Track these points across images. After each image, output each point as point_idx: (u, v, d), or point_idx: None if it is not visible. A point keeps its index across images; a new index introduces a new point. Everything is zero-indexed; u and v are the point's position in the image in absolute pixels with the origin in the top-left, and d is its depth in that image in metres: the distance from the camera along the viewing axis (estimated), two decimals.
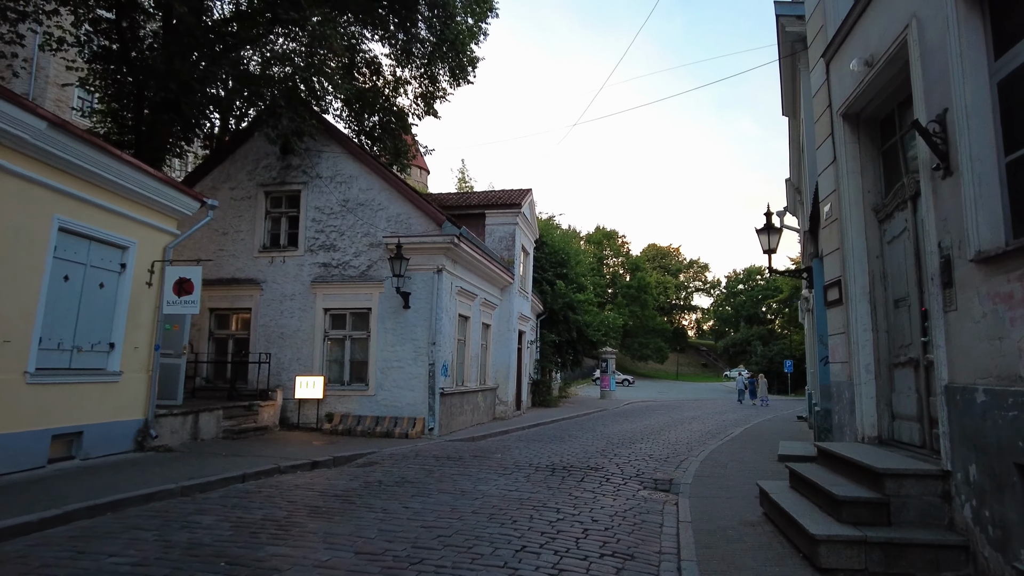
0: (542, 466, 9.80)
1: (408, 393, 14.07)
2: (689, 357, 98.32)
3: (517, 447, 12.38)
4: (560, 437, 14.88)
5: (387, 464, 10.15)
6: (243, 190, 15.82)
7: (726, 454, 11.87)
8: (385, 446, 12.15)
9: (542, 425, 18.28)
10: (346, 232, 15.03)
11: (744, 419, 22.47)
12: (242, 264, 15.54)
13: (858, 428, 6.28)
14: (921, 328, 5.49)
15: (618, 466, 9.99)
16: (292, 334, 14.98)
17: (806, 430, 17.46)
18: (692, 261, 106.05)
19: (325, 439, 13.01)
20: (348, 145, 15.42)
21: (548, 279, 29.85)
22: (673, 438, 15.18)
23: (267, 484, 8.36)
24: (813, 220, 9.43)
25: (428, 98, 20.98)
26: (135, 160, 10.12)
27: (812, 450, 11.22)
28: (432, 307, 14.10)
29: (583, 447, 12.58)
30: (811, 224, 9.79)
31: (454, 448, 11.95)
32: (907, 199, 5.72)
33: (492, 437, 14.82)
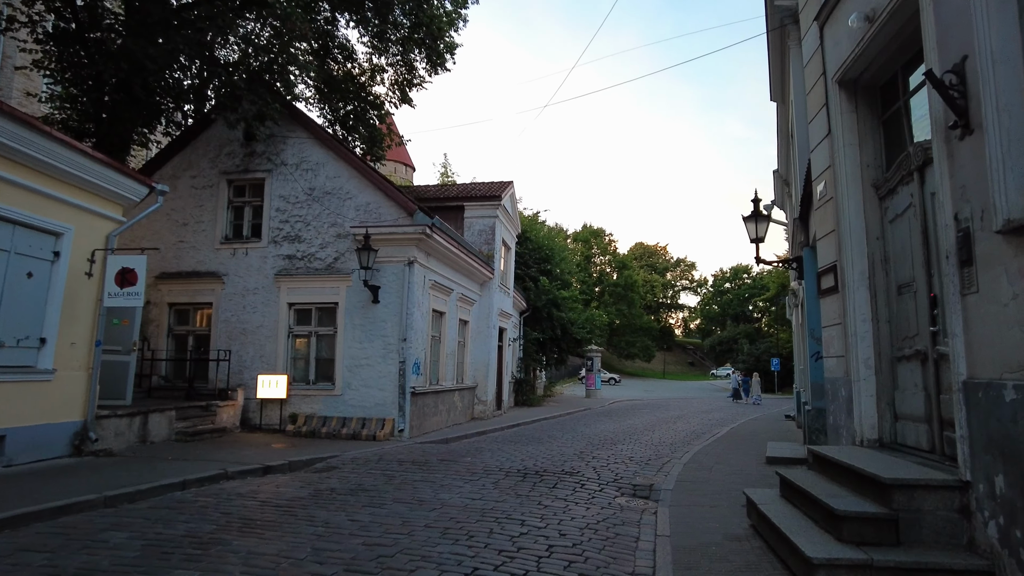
0: (513, 471, 9.08)
1: (377, 393, 13.30)
2: (676, 356, 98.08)
3: (491, 449, 11.65)
4: (538, 438, 14.16)
5: (347, 469, 9.39)
6: (205, 178, 14.96)
7: (711, 456, 11.21)
8: (350, 449, 11.38)
9: (522, 425, 17.56)
10: (312, 222, 14.23)
11: (730, 418, 21.89)
12: (203, 256, 14.68)
13: (856, 430, 5.60)
14: (930, 317, 4.82)
15: (595, 470, 9.29)
16: (255, 330, 14.15)
17: (794, 430, 16.87)
18: (679, 260, 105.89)
19: (287, 442, 12.22)
20: (315, 130, 14.61)
21: (532, 275, 29.12)
22: (656, 439, 14.52)
23: (208, 492, 7.57)
24: (804, 204, 8.78)
25: (404, 85, 20.19)
26: (69, 139, 9.28)
27: (801, 452, 10.59)
28: (403, 301, 13.33)
29: (561, 449, 11.87)
30: (802, 209, 9.15)
31: (423, 451, 11.20)
32: (913, 170, 5.04)
33: (467, 439, 14.07)
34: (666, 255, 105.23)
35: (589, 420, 20.06)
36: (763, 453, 11.08)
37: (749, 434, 15.60)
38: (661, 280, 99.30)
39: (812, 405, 9.24)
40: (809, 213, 9.17)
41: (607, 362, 79.75)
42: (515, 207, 22.66)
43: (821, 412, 9.09)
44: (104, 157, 9.82)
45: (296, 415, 13.55)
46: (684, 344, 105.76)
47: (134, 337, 11.71)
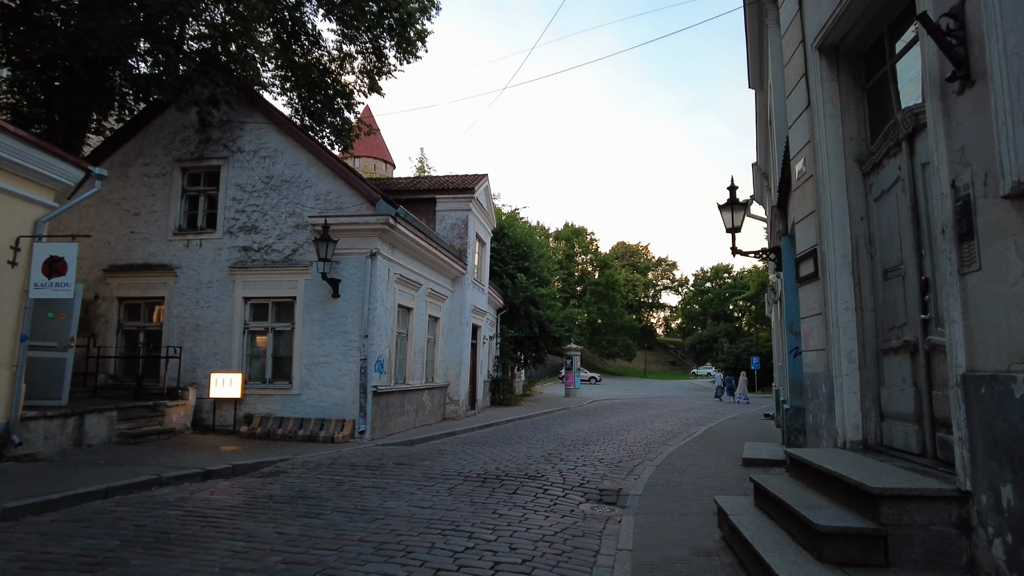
0: (474, 475, 8.45)
1: (337, 392, 12.60)
2: (657, 355, 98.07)
3: (455, 452, 11.01)
4: (508, 439, 13.55)
5: (294, 474, 8.70)
6: (158, 166, 14.15)
7: (686, 457, 10.67)
8: (304, 451, 10.69)
9: (494, 426, 16.94)
10: (269, 212, 13.49)
11: (709, 417, 21.45)
12: (155, 248, 13.87)
13: (838, 430, 5.06)
14: (920, 303, 4.28)
15: (562, 473, 8.69)
16: (209, 326, 13.38)
17: (773, 429, 16.42)
18: (660, 259, 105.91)
19: (239, 444, 11.48)
20: (273, 115, 13.86)
21: (509, 272, 28.50)
22: (631, 439, 13.97)
23: (131, 501, 6.86)
24: (782, 190, 8.27)
25: (373, 73, 19.48)
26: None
27: (780, 453, 10.08)
28: (364, 296, 12.65)
29: (529, 451, 11.27)
30: (780, 195, 8.63)
31: (381, 454, 10.53)
32: (901, 140, 4.50)
33: (433, 440, 13.42)
34: (648, 254, 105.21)
35: (564, 420, 19.49)
36: (740, 454, 10.56)
37: (726, 434, 15.12)
38: (643, 279, 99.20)
39: (791, 403, 8.73)
40: (787, 199, 8.66)
41: (588, 361, 79.43)
42: (490, 201, 22.04)
43: (800, 411, 8.58)
44: (29, 136, 9.04)
45: (251, 416, 12.81)
46: (665, 343, 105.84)
47: (72, 332, 10.91)
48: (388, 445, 11.89)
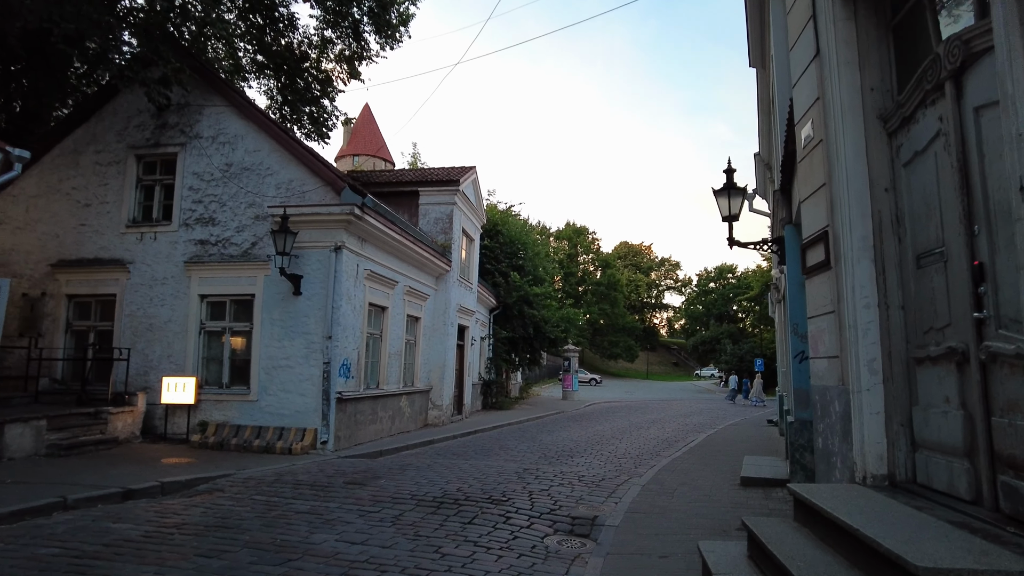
0: (429, 498, 7.35)
1: (298, 399, 11.52)
2: (660, 356, 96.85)
3: (422, 465, 9.92)
4: (487, 450, 12.46)
5: (228, 493, 7.63)
6: (111, 153, 13.10)
7: (678, 473, 9.55)
8: (254, 465, 9.62)
9: (478, 433, 15.86)
10: (228, 203, 12.42)
11: (709, 423, 20.31)
12: (107, 242, 12.83)
13: (856, 460, 3.95)
14: (972, 297, 3.17)
15: (532, 495, 7.58)
16: (163, 326, 12.32)
17: (776, 438, 15.28)
18: (664, 259, 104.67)
19: (188, 455, 10.43)
20: (232, 98, 12.79)
21: (502, 270, 27.41)
22: (622, 449, 12.86)
23: (9, 534, 5.78)
24: (786, 169, 7.15)
25: (353, 60, 18.45)
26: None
27: (783, 470, 8.96)
28: (328, 293, 11.57)
29: (504, 465, 10.17)
30: (783, 176, 7.51)
31: (337, 469, 9.44)
32: (944, 80, 3.40)
33: (404, 451, 12.35)
34: (650, 254, 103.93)
35: (555, 426, 18.40)
36: (738, 470, 9.45)
37: (725, 444, 13.99)
38: (645, 279, 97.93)
39: (796, 416, 7.61)
40: (792, 181, 7.53)
41: (590, 362, 78.26)
42: (479, 196, 20.95)
43: (806, 425, 7.45)
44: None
45: (206, 423, 11.75)
46: (668, 344, 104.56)
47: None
48: (351, 457, 10.81)
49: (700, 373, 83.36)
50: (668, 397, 40.17)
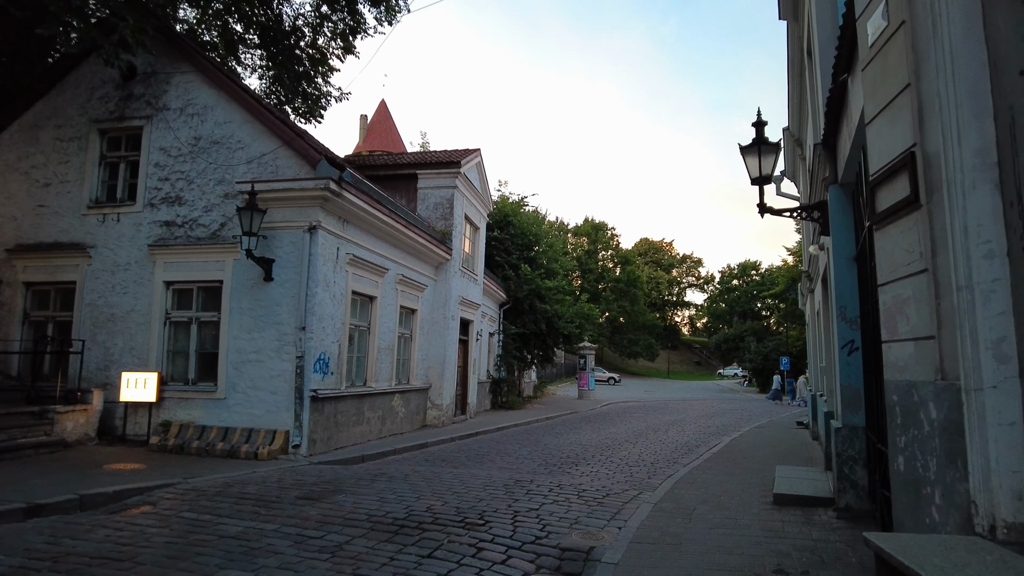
0: (389, 519, 6.03)
1: (268, 397, 10.29)
2: (681, 354, 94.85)
3: (397, 475, 8.61)
4: (482, 455, 11.13)
5: (159, 508, 6.40)
6: (72, 128, 12.00)
7: (698, 487, 8.11)
8: (209, 472, 8.40)
9: (479, 435, 14.53)
10: (196, 180, 11.23)
11: (733, 425, 18.76)
12: (67, 224, 11.72)
13: (976, 499, 2.54)
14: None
15: (517, 517, 6.21)
16: (125, 316, 11.18)
17: (808, 442, 13.73)
18: (685, 256, 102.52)
19: (141, 460, 9.24)
20: (202, 64, 11.58)
21: (512, 263, 26.07)
22: (635, 455, 11.45)
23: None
24: (833, 107, 5.66)
25: (347, 34, 17.24)
26: None
27: (823, 485, 7.48)
28: (303, 279, 10.31)
29: (495, 475, 8.82)
30: (827, 125, 6.03)
31: (297, 479, 8.17)
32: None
33: (391, 456, 11.06)
34: (672, 251, 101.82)
35: (565, 427, 17.00)
36: (768, 483, 8.01)
37: (752, 449, 12.49)
38: (666, 276, 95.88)
39: (843, 421, 6.15)
40: (837, 131, 6.07)
41: (609, 361, 76.59)
42: (484, 181, 19.60)
43: (856, 432, 6.01)
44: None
45: (170, 423, 10.57)
46: (690, 343, 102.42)
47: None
48: (324, 464, 9.53)
49: (723, 372, 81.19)
50: (689, 397, 38.50)
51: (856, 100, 4.79)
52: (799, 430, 17.24)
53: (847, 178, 6.17)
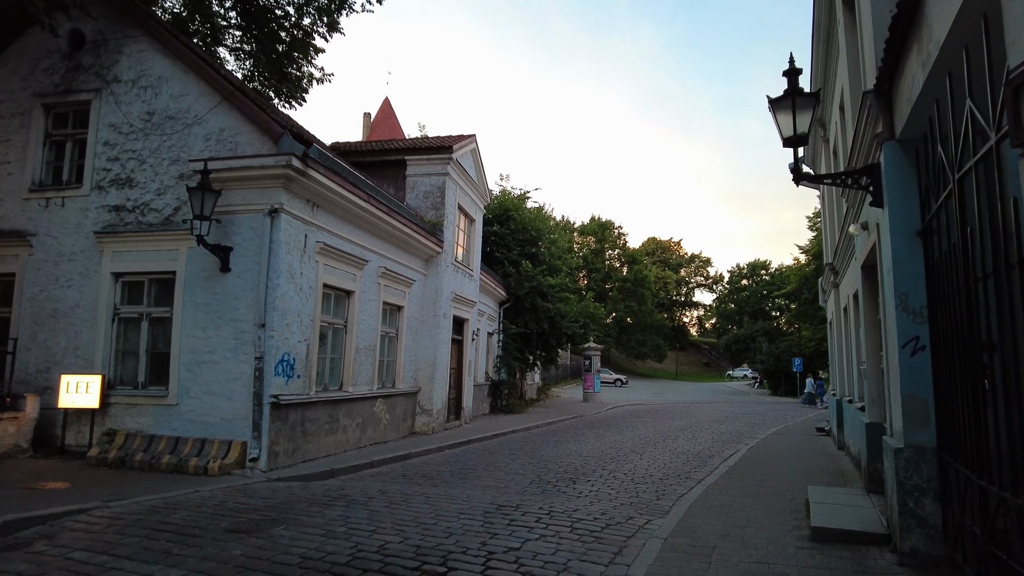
0: (326, 564, 4.75)
1: (224, 403, 9.05)
2: (690, 355, 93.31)
3: (360, 498, 7.33)
4: (468, 470, 9.86)
5: (50, 544, 5.19)
6: (13, 103, 10.83)
7: (716, 513, 6.80)
8: (144, 492, 7.18)
9: (471, 444, 13.28)
10: (148, 159, 10.02)
11: (748, 430, 17.41)
12: (7, 210, 10.55)
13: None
14: None
15: (490, 562, 4.93)
16: (69, 312, 9.98)
17: (833, 452, 12.39)
18: (694, 255, 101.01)
19: (73, 476, 8.03)
20: (155, 31, 10.34)
21: (513, 259, 24.80)
22: (641, 468, 10.15)
23: None
24: (893, 47, 4.36)
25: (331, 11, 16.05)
26: None
27: (871, 515, 6.09)
28: (263, 269, 9.08)
29: (477, 496, 7.54)
30: (884, 67, 4.71)
31: (241, 502, 6.91)
32: None
33: (366, 469, 9.82)
34: (680, 251, 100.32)
35: (567, 434, 15.71)
36: (800, 508, 6.72)
37: (773, 461, 11.16)
38: (675, 276, 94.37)
39: (906, 440, 4.83)
40: (896, 76, 4.76)
41: (616, 362, 75.16)
42: (480, 170, 18.34)
43: (922, 454, 4.70)
44: None
45: (115, 432, 9.35)
46: (699, 343, 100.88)
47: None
48: (282, 481, 8.29)
49: (732, 373, 79.60)
50: (699, 399, 37.10)
51: (939, 6, 3.48)
52: (820, 437, 15.88)
53: (910, 132, 4.86)
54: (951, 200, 4.03)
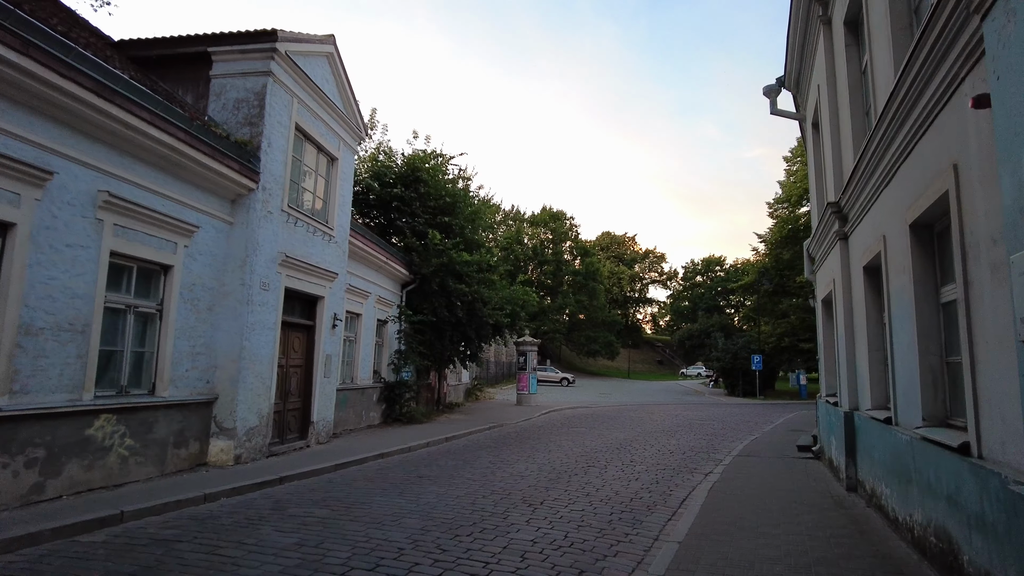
0: None
1: None
2: (644, 353, 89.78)
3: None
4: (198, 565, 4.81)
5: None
6: None
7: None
8: None
9: (263, 488, 8.25)
10: None
11: (707, 445, 12.81)
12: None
13: None
14: None
15: None
16: None
17: (841, 494, 7.77)
18: (648, 251, 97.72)
19: None
20: None
21: (419, 229, 19.80)
22: (544, 532, 5.29)
23: None
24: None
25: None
26: None
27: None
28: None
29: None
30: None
31: None
32: None
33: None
34: (634, 246, 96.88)
35: (454, 460, 10.79)
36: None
37: (755, 514, 6.44)
38: (628, 272, 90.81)
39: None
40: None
41: (567, 360, 70.71)
42: (347, 92, 13.23)
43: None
44: None
45: None
46: (653, 341, 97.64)
47: None
48: None
49: (686, 372, 76.11)
50: (649, 401, 32.68)
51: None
52: (808, 461, 11.35)
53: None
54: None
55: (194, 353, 9.24)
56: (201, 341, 9.39)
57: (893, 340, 5.99)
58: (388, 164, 20.81)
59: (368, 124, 24.33)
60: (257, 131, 10.21)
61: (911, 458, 5.16)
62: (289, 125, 10.99)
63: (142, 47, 10.61)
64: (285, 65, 10.70)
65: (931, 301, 4.99)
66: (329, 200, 12.92)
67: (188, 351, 9.10)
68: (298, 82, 11.22)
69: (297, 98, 11.23)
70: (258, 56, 10.35)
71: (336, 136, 12.99)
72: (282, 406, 11.36)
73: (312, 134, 11.91)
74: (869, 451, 7.15)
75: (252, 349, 9.99)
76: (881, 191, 6.19)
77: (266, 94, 10.32)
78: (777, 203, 43.84)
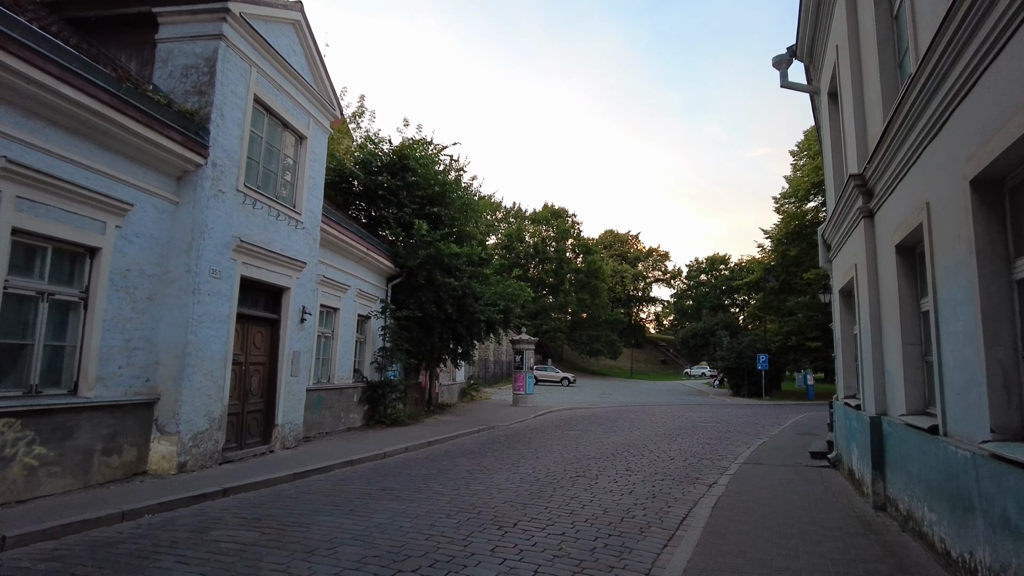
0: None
1: None
2: (647, 353, 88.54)
3: None
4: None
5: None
6: None
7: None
8: None
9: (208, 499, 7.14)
10: None
11: (710, 455, 11.67)
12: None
13: None
14: None
15: None
16: None
17: (865, 511, 6.62)
18: (652, 249, 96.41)
19: None
20: None
21: (405, 219, 18.72)
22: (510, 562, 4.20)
23: None
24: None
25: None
26: None
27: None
28: None
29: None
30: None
31: None
32: None
33: None
34: (638, 244, 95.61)
35: (433, 467, 9.69)
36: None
37: (763, 534, 5.30)
38: (631, 271, 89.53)
39: None
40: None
41: (568, 359, 69.54)
42: (316, 60, 12.12)
43: None
44: None
45: None
46: (656, 341, 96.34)
47: None
48: None
49: (690, 372, 74.84)
50: (651, 401, 31.51)
51: None
52: (823, 470, 10.20)
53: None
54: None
55: (130, 348, 8.15)
56: (139, 334, 8.30)
57: (940, 330, 4.85)
58: (374, 152, 19.71)
59: (357, 111, 23.45)
60: (207, 100, 9.10)
61: (974, 480, 4.02)
62: (246, 96, 9.89)
63: (80, 7, 9.51)
64: (241, 29, 9.60)
65: (1001, 277, 3.86)
66: (297, 182, 11.83)
67: (122, 345, 8.01)
68: (257, 49, 10.12)
69: (257, 67, 10.12)
70: (208, 18, 9.25)
71: (305, 112, 11.89)
72: (240, 408, 10.27)
73: (275, 108, 10.81)
74: (903, 465, 6.01)
75: (200, 344, 8.89)
76: (924, 147, 5.05)
77: (217, 60, 9.21)
78: (784, 198, 42.60)
